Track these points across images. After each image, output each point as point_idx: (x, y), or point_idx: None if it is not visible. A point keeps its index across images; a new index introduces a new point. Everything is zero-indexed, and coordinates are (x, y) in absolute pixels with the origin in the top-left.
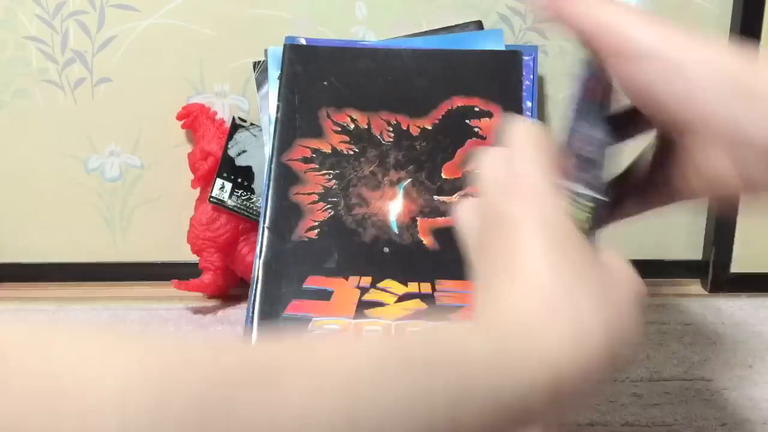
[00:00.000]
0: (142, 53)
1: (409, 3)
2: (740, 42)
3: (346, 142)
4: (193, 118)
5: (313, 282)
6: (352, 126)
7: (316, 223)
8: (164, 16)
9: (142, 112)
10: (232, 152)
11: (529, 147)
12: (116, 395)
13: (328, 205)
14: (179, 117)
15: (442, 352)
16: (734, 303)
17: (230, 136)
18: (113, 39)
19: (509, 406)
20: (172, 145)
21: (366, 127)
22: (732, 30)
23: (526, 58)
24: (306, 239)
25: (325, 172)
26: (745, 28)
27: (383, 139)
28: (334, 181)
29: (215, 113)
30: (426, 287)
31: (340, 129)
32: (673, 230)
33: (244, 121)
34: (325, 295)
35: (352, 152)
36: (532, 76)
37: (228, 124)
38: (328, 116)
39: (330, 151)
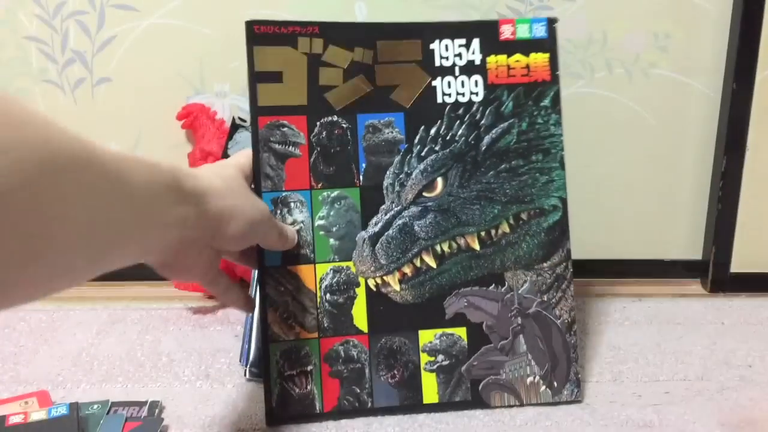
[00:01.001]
0: (142, 53)
1: (409, 3)
2: (740, 42)
3: None
4: (193, 118)
5: None
6: None
7: None
8: (164, 16)
9: (142, 112)
10: (232, 152)
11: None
12: None
13: None
14: (179, 117)
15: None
16: (734, 303)
17: (230, 136)
18: (113, 39)
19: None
20: (172, 145)
21: None
22: (732, 30)
23: None
24: None
25: None
26: (745, 28)
27: None
28: None
29: (215, 113)
30: None
31: None
32: (673, 230)
33: (244, 121)
34: None
35: None
36: None
37: (228, 124)
38: None
39: None
